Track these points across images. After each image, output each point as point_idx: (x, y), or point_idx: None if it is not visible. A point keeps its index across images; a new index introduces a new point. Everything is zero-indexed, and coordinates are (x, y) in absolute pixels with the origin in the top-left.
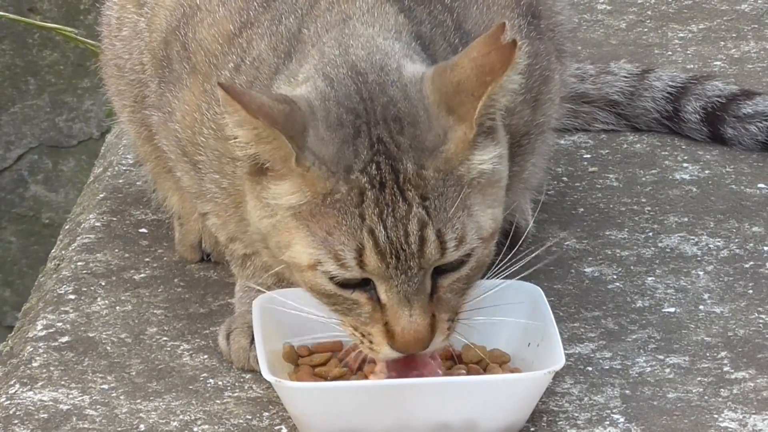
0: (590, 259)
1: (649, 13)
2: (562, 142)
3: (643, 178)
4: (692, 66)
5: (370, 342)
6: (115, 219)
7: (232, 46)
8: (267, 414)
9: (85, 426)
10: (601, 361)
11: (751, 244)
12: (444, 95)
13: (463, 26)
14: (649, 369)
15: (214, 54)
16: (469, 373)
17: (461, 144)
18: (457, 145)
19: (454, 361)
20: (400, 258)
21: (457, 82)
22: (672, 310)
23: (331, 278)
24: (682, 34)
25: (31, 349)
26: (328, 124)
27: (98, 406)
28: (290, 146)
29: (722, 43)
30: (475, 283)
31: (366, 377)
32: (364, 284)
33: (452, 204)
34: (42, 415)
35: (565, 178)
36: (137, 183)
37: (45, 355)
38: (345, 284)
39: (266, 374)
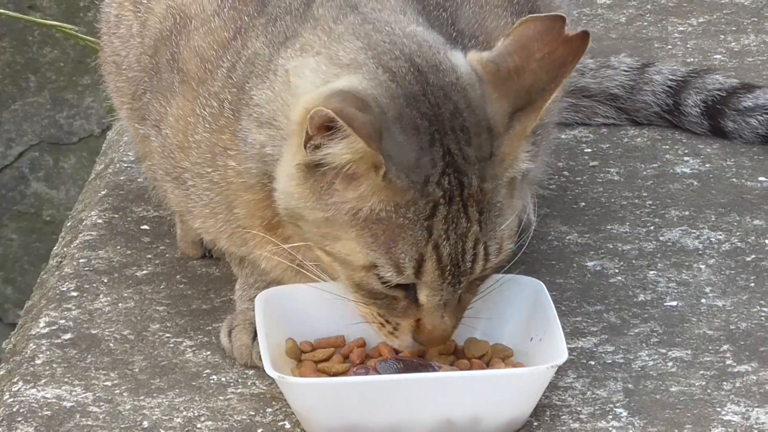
0: (592, 253)
1: (649, 6)
2: (563, 136)
3: (644, 172)
4: (692, 59)
5: (394, 329)
6: (116, 216)
7: (227, 51)
8: (270, 410)
9: (89, 423)
10: (603, 355)
11: (753, 238)
12: (513, 102)
13: (456, 25)
14: (651, 363)
15: (209, 60)
16: (472, 367)
17: (516, 140)
18: (513, 143)
19: (457, 356)
20: (454, 273)
21: (528, 86)
22: (674, 303)
23: (382, 281)
24: (682, 28)
25: (34, 346)
26: (403, 127)
27: (101, 403)
28: (382, 160)
29: (722, 36)
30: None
31: (368, 371)
32: (406, 284)
33: (496, 215)
34: (45, 413)
35: (566, 173)
36: (138, 180)
37: (48, 353)
38: (390, 285)
39: (269, 370)
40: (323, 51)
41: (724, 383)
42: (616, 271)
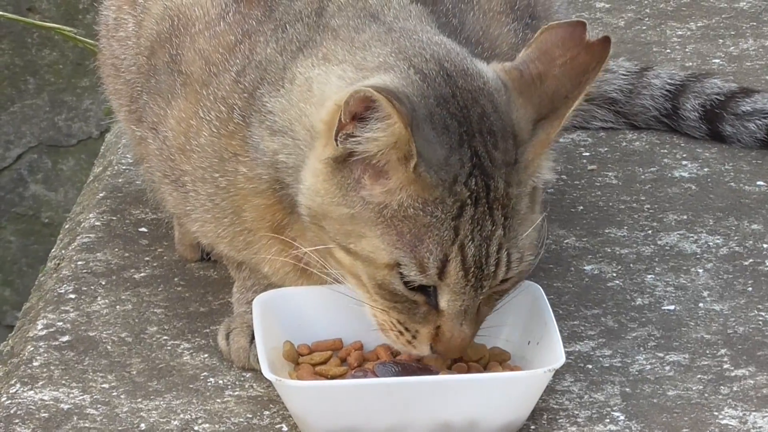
0: (590, 257)
1: (648, 11)
2: (561, 140)
3: (643, 176)
4: (691, 64)
5: (413, 337)
6: (114, 218)
7: (233, 54)
8: (268, 413)
9: (86, 425)
10: (601, 358)
11: (751, 242)
12: (537, 108)
13: (463, 32)
14: (649, 367)
15: (214, 63)
16: (469, 371)
17: (540, 147)
18: (536, 149)
19: (455, 359)
20: (477, 277)
21: (552, 93)
22: (671, 307)
23: (405, 281)
24: (680, 32)
25: (32, 348)
26: (434, 125)
27: (99, 406)
28: (414, 150)
29: (721, 40)
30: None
31: (366, 375)
32: (427, 287)
33: (519, 222)
34: (43, 415)
35: (564, 176)
36: (137, 182)
37: (45, 355)
38: (412, 287)
39: (267, 373)
40: (348, 59)
41: (722, 387)
42: (614, 275)
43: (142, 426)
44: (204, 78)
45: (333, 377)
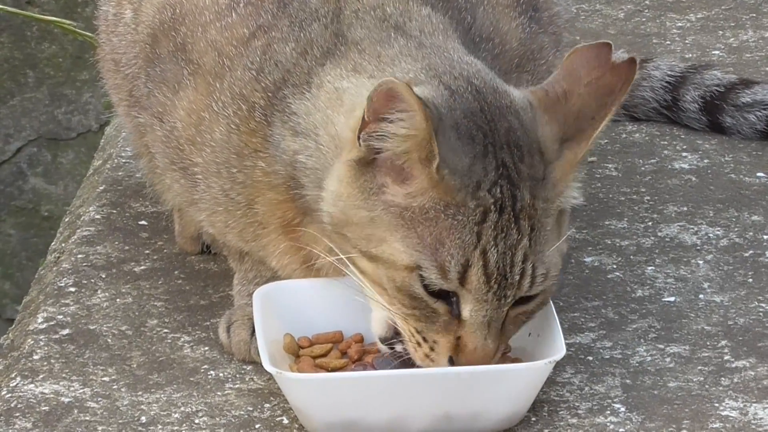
0: (590, 248)
1: (647, 2)
2: None
3: (643, 168)
4: (691, 55)
5: (431, 349)
6: (114, 211)
7: (248, 49)
8: (268, 405)
9: (87, 418)
10: (601, 350)
11: (751, 233)
12: (562, 126)
13: (474, 28)
14: (649, 358)
15: (228, 56)
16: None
17: (568, 167)
18: (564, 169)
19: None
20: (501, 285)
21: (577, 112)
22: (672, 299)
23: (425, 285)
24: (680, 24)
25: (32, 341)
26: (459, 134)
27: (99, 399)
28: (437, 150)
29: (721, 32)
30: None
31: (367, 367)
32: (449, 295)
33: (546, 237)
34: (43, 408)
35: None
36: (137, 175)
37: (46, 348)
38: (433, 292)
39: (267, 366)
40: (377, 74)
41: (722, 379)
42: (614, 266)
43: (143, 419)
44: (217, 70)
45: (333, 370)
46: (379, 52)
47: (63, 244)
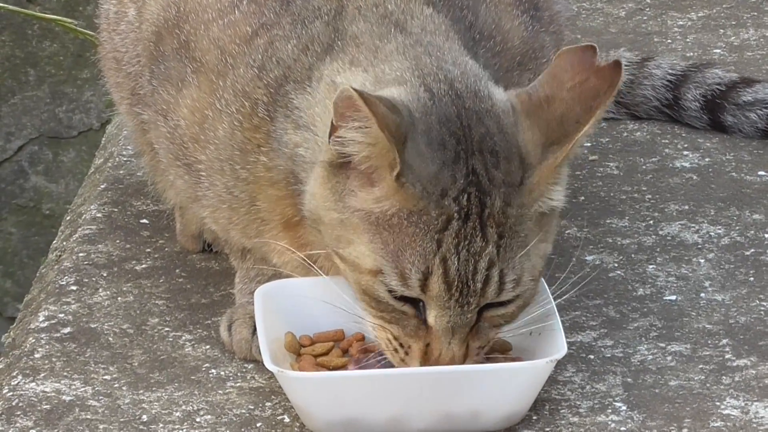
0: (591, 247)
1: (648, 1)
2: None
3: (644, 166)
4: (692, 54)
5: (405, 353)
6: (116, 210)
7: (251, 47)
8: (269, 404)
9: (88, 417)
10: (602, 349)
11: (752, 232)
12: (544, 130)
13: (476, 25)
14: (650, 357)
15: (231, 54)
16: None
17: (547, 171)
18: (542, 174)
19: None
20: (462, 292)
21: (560, 116)
22: (673, 297)
23: (388, 290)
24: (681, 22)
25: (33, 340)
26: (429, 141)
27: (101, 397)
28: (398, 159)
29: (722, 30)
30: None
31: (368, 366)
32: (416, 300)
33: (518, 244)
34: (45, 406)
35: None
36: (138, 174)
37: (47, 346)
38: (399, 297)
39: (268, 364)
40: (370, 69)
41: (723, 377)
42: (616, 265)
43: (144, 417)
44: (220, 68)
45: (335, 368)
46: (377, 46)
47: (64, 243)
